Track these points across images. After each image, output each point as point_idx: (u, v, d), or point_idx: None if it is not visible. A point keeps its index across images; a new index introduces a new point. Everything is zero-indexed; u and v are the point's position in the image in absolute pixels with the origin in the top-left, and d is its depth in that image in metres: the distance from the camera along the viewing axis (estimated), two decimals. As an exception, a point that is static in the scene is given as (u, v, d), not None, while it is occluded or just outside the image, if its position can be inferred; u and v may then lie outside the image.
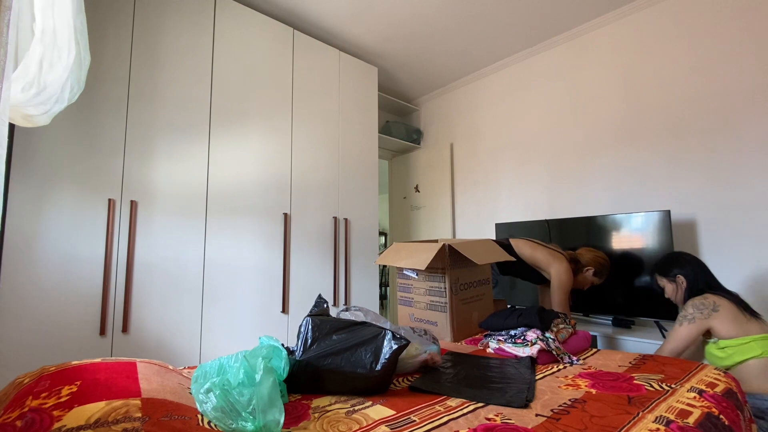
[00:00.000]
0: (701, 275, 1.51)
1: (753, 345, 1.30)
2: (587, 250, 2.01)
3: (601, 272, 1.96)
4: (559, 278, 1.87)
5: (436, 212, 3.41)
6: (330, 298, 2.44)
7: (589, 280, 1.97)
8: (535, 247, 1.99)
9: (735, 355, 1.32)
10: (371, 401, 0.87)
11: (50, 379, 0.70)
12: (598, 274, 1.95)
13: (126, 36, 1.77)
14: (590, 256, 1.96)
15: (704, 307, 1.40)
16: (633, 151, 2.28)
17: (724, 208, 1.95)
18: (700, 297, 1.44)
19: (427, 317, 1.62)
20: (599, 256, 1.96)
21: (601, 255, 1.97)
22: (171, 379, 0.81)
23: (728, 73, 1.97)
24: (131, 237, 1.71)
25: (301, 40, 2.43)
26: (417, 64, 3.04)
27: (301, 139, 2.38)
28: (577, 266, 1.95)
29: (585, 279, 1.96)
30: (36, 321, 1.48)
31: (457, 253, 1.53)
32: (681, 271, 1.55)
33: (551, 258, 1.92)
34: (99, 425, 0.57)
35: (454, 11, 2.38)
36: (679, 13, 2.15)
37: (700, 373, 1.06)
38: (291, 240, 2.27)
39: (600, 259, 1.96)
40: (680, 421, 0.75)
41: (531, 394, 0.91)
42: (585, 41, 2.54)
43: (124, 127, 1.74)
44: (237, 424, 0.66)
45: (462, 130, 3.31)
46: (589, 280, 1.97)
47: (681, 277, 1.54)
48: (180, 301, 1.83)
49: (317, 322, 0.99)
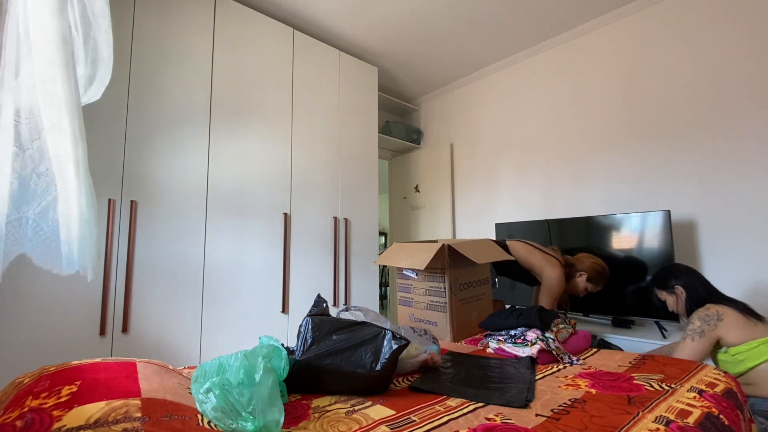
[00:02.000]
0: (698, 283, 1.52)
1: (763, 348, 1.29)
2: (587, 256, 1.96)
3: (596, 280, 1.90)
4: (549, 283, 1.84)
5: (436, 212, 3.41)
6: (330, 298, 2.44)
7: (582, 287, 1.91)
8: (531, 251, 1.95)
9: (747, 360, 1.31)
10: (371, 401, 0.87)
11: (50, 379, 0.70)
12: (593, 281, 1.90)
13: (126, 35, 1.77)
14: (588, 262, 1.92)
15: (709, 318, 1.38)
16: (633, 151, 2.28)
17: (724, 208, 1.95)
18: (703, 309, 1.42)
19: (427, 317, 1.62)
20: (597, 263, 1.91)
21: (600, 263, 1.92)
22: (171, 379, 0.81)
23: (728, 73, 1.97)
24: (131, 237, 1.71)
25: (301, 40, 2.43)
26: (417, 64, 3.04)
27: (301, 139, 2.38)
28: (570, 271, 1.91)
29: (577, 285, 1.92)
30: (36, 321, 1.48)
31: (456, 253, 1.53)
32: (678, 281, 1.55)
33: (545, 262, 1.88)
34: (99, 425, 0.57)
35: (454, 11, 2.38)
36: (678, 14, 2.15)
37: (700, 373, 1.05)
38: (291, 240, 2.27)
39: (597, 267, 1.90)
40: (680, 421, 0.75)
41: (531, 394, 0.91)
42: (585, 41, 2.54)
43: (124, 126, 1.74)
44: (237, 424, 0.66)
45: (462, 130, 3.31)
46: (582, 287, 1.91)
47: (680, 288, 1.54)
48: (180, 301, 1.83)
49: (317, 322, 0.99)
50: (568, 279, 1.90)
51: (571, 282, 1.92)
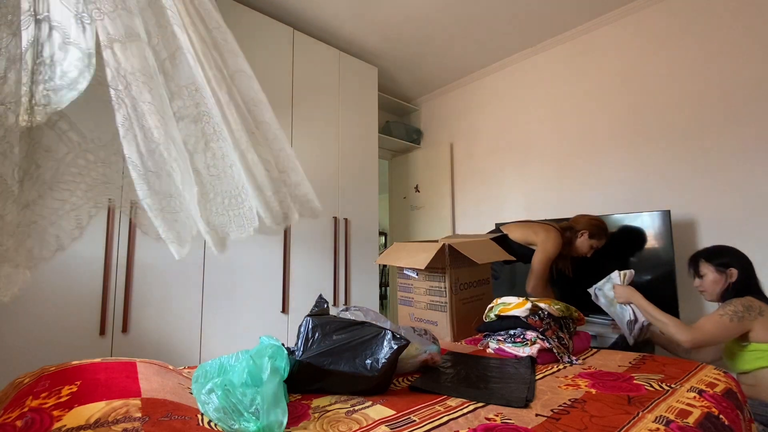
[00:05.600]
0: (752, 274, 1.45)
1: None
2: (581, 215, 2.01)
3: (598, 234, 1.93)
4: (544, 245, 1.87)
5: (436, 212, 3.41)
6: (330, 298, 2.44)
7: (586, 245, 1.94)
8: (525, 225, 2.02)
9: (761, 359, 1.29)
10: (371, 401, 0.87)
11: (50, 379, 0.70)
12: (595, 236, 1.92)
13: (126, 36, 1.77)
14: (584, 220, 1.96)
15: (752, 309, 1.34)
16: (633, 150, 2.28)
17: (724, 208, 1.95)
18: (746, 299, 1.36)
19: (427, 317, 1.62)
20: (593, 218, 1.96)
21: (596, 217, 1.97)
22: (171, 379, 0.81)
23: (729, 72, 1.97)
24: (131, 237, 1.71)
25: (301, 40, 2.43)
26: (417, 64, 3.04)
27: (301, 139, 2.38)
28: (572, 233, 1.95)
29: (583, 244, 1.94)
30: (36, 321, 1.48)
31: (457, 252, 1.53)
32: (736, 263, 1.45)
33: (539, 228, 1.93)
34: (99, 425, 0.57)
35: (454, 11, 2.38)
36: (679, 13, 2.15)
37: (699, 373, 1.06)
38: (291, 240, 2.27)
39: (594, 221, 1.95)
40: (680, 421, 0.75)
41: (531, 394, 0.91)
42: (585, 41, 2.54)
43: (124, 127, 1.74)
44: (239, 425, 0.65)
45: (462, 130, 3.31)
46: (586, 245, 1.94)
47: (734, 270, 1.44)
48: (180, 301, 1.83)
49: (317, 322, 0.99)
50: (570, 243, 1.94)
51: (575, 245, 1.95)
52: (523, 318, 1.27)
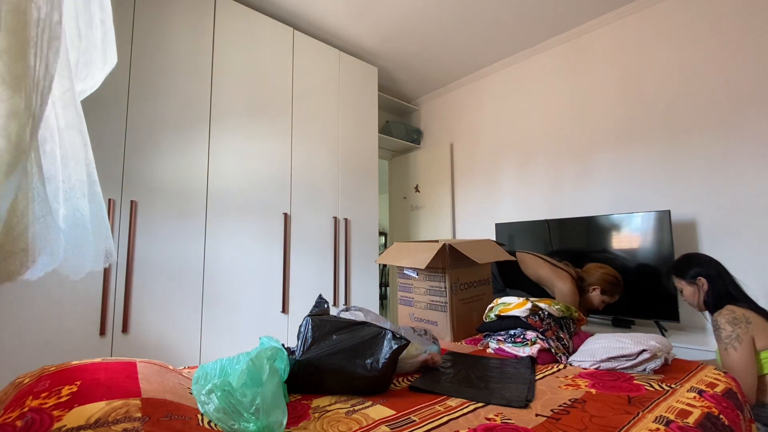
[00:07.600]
0: (724, 278, 1.41)
1: None
2: (596, 266, 1.88)
3: (610, 291, 1.82)
4: (562, 298, 1.76)
5: (436, 212, 3.41)
6: (330, 298, 2.44)
7: (597, 301, 1.83)
8: (541, 265, 1.89)
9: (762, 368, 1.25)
10: (371, 401, 0.87)
11: (50, 379, 0.70)
12: (607, 293, 1.82)
13: (126, 35, 1.77)
14: (598, 274, 1.84)
15: (738, 321, 1.28)
16: (633, 150, 2.28)
17: (724, 208, 1.95)
18: (727, 312, 1.31)
19: (427, 317, 1.62)
20: (607, 274, 1.83)
21: (610, 272, 1.84)
22: (171, 379, 0.81)
23: (728, 73, 1.97)
24: (131, 236, 1.71)
25: (301, 40, 2.43)
26: (417, 64, 3.04)
27: (301, 139, 2.38)
28: (582, 285, 1.84)
29: (592, 300, 1.84)
30: (36, 321, 1.48)
31: (457, 252, 1.53)
32: (702, 271, 1.42)
33: (555, 276, 1.81)
34: (99, 425, 0.57)
35: (454, 11, 2.38)
36: (678, 14, 2.15)
37: (700, 373, 1.06)
38: (291, 240, 2.27)
39: (608, 277, 1.82)
40: (680, 421, 0.75)
41: (531, 394, 0.91)
42: (585, 41, 2.54)
43: (124, 126, 1.74)
44: (239, 425, 0.65)
45: (462, 130, 3.31)
46: (597, 301, 1.83)
47: (702, 279, 1.42)
48: (180, 301, 1.83)
49: (317, 322, 0.99)
50: (581, 293, 1.83)
51: (585, 297, 1.85)
52: (524, 318, 1.27)
